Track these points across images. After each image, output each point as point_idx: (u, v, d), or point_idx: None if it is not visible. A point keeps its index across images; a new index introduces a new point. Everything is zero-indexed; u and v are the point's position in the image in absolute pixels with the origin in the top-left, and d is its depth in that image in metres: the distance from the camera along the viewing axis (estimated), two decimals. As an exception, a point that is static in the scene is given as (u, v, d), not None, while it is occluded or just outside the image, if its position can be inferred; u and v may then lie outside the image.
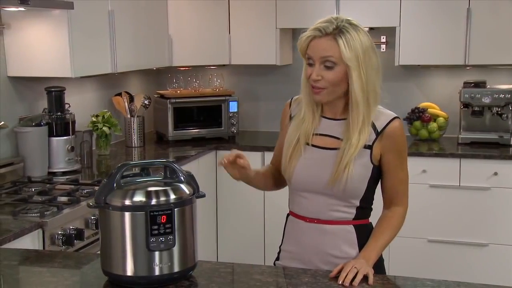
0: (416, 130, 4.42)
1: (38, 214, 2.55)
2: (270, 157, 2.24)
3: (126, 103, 4.31)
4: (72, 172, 3.42)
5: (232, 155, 1.96)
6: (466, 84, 4.30)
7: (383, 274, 2.00)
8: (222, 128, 4.58)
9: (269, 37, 4.53)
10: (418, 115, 4.40)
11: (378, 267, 1.93)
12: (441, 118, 4.41)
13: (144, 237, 1.68)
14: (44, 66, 3.27)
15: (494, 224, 3.98)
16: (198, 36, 4.51)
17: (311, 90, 1.95)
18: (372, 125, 1.94)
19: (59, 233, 2.57)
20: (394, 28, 4.30)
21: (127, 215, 1.69)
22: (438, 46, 4.23)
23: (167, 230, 1.69)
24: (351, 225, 1.99)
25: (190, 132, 4.52)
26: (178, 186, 1.76)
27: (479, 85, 4.27)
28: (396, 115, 1.98)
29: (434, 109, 4.47)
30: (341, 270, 1.81)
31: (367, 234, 2.00)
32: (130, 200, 1.69)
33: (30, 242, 2.43)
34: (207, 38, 4.55)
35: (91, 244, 2.74)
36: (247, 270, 1.88)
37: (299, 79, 2.00)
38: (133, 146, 4.28)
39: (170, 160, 1.87)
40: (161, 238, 1.68)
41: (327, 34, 1.88)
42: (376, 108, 1.96)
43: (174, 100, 4.44)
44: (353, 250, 1.98)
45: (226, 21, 4.60)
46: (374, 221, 2.04)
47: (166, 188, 1.73)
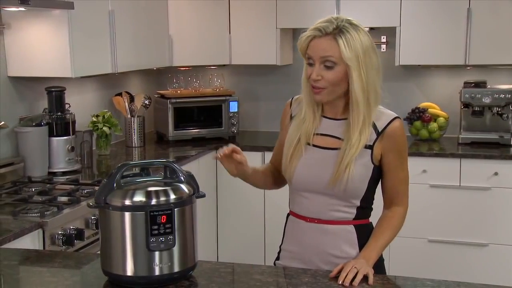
0: (416, 130, 4.42)
1: (38, 214, 2.55)
2: (270, 157, 2.24)
3: (127, 103, 4.31)
4: (72, 172, 3.42)
5: (228, 149, 1.96)
6: (467, 84, 4.30)
7: (383, 274, 2.00)
8: (223, 128, 4.58)
9: (269, 37, 4.53)
10: (418, 115, 4.40)
11: (378, 267, 1.93)
12: (441, 118, 4.41)
13: (144, 237, 1.68)
14: (44, 66, 3.27)
15: (494, 224, 3.98)
16: (199, 36, 4.51)
17: (311, 90, 1.95)
18: (373, 125, 1.94)
19: (59, 233, 2.57)
20: (395, 28, 4.30)
21: (127, 215, 1.69)
22: (439, 46, 4.23)
23: (167, 230, 1.69)
24: (352, 225, 1.99)
25: (190, 132, 4.52)
26: (178, 186, 1.75)
27: (480, 85, 4.27)
28: (396, 115, 1.98)
29: (435, 109, 4.47)
30: (341, 270, 1.81)
31: (368, 234, 2.00)
32: (130, 200, 1.69)
33: (30, 242, 2.43)
34: (208, 38, 4.55)
35: (91, 244, 2.74)
36: (247, 270, 1.88)
37: (300, 79, 2.00)
38: (133, 146, 4.28)
39: (170, 160, 1.87)
40: (161, 238, 1.68)
41: (327, 34, 1.88)
42: (376, 108, 1.96)
43: (174, 100, 4.44)
44: (353, 250, 1.98)
45: (226, 21, 4.60)
46: (374, 221, 2.04)
47: (166, 188, 1.73)
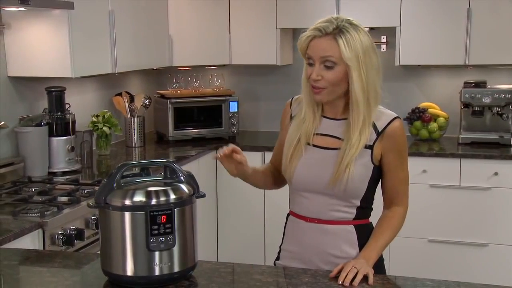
0: (416, 130, 4.42)
1: (38, 214, 2.55)
2: (270, 157, 2.24)
3: (127, 103, 4.31)
4: (72, 172, 3.42)
5: (228, 149, 1.96)
6: (467, 84, 4.30)
7: (383, 273, 2.00)
8: (223, 128, 4.58)
9: (269, 37, 4.53)
10: (418, 115, 4.40)
11: (378, 267, 1.93)
12: (441, 118, 4.41)
13: (144, 237, 1.68)
14: (44, 66, 3.27)
15: (494, 224, 3.98)
16: (199, 36, 4.51)
17: (311, 90, 1.95)
18: (373, 125, 1.94)
19: (59, 233, 2.57)
20: (395, 28, 4.30)
21: (127, 215, 1.69)
22: (439, 46, 4.23)
23: (167, 230, 1.69)
24: (352, 225, 1.99)
25: (190, 132, 4.52)
26: (178, 186, 1.75)
27: (480, 85, 4.27)
28: (396, 115, 1.98)
29: (435, 109, 4.47)
30: (341, 270, 1.81)
31: (368, 234, 2.00)
32: (130, 200, 1.69)
33: (30, 242, 2.43)
34: (208, 38, 4.55)
35: (92, 244, 2.74)
36: (247, 270, 1.88)
37: (300, 79, 2.00)
38: (133, 146, 4.28)
39: (170, 160, 1.87)
40: (161, 238, 1.68)
41: (327, 34, 1.88)
42: (376, 108, 1.95)
43: (174, 100, 4.44)
44: (353, 250, 1.98)
45: (226, 21, 4.60)
46: (374, 221, 2.04)
47: (166, 188, 1.73)
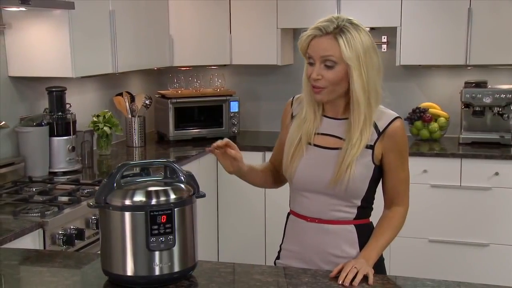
0: (417, 130, 4.42)
1: (39, 214, 2.55)
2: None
3: (127, 103, 4.32)
4: (73, 172, 3.42)
5: (222, 142, 1.96)
6: (467, 84, 4.30)
7: (384, 273, 2.00)
8: (223, 128, 4.58)
9: (270, 37, 4.53)
10: (419, 115, 4.40)
11: (378, 266, 1.93)
12: (442, 118, 4.40)
13: (144, 237, 1.68)
14: (45, 66, 3.27)
15: (495, 224, 3.98)
16: (199, 36, 4.51)
17: (312, 89, 1.95)
18: (374, 125, 1.94)
19: (60, 233, 2.57)
20: (395, 28, 4.29)
21: (127, 215, 1.68)
22: (439, 46, 4.22)
23: (167, 230, 1.69)
24: (352, 224, 1.99)
25: (191, 132, 4.52)
26: (178, 186, 1.75)
27: (480, 85, 4.27)
28: (397, 115, 1.98)
29: (435, 109, 4.46)
30: (341, 270, 1.81)
31: (368, 233, 2.00)
32: (130, 200, 1.69)
33: (31, 242, 2.43)
34: (208, 38, 4.55)
35: (92, 244, 2.74)
36: (247, 270, 1.88)
37: (300, 79, 2.00)
38: (134, 146, 4.28)
39: (170, 160, 1.87)
40: (161, 238, 1.68)
41: (328, 33, 1.88)
42: (377, 108, 1.95)
43: (175, 100, 4.44)
44: (353, 249, 1.98)
45: (227, 21, 4.60)
46: (374, 220, 2.04)
47: (166, 188, 1.73)
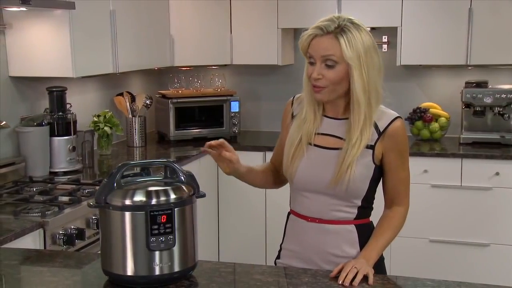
0: (417, 130, 4.42)
1: (39, 213, 2.55)
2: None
3: (128, 103, 4.32)
4: (73, 172, 3.42)
5: (216, 142, 1.96)
6: (468, 84, 4.30)
7: (384, 272, 2.01)
8: (224, 128, 4.58)
9: (270, 37, 4.52)
10: (419, 115, 4.40)
11: (378, 266, 1.93)
12: (442, 118, 4.40)
13: (144, 236, 1.68)
14: (45, 66, 3.27)
15: (495, 224, 3.97)
16: (200, 36, 4.51)
17: (312, 89, 1.95)
18: (374, 125, 1.94)
19: (60, 232, 2.57)
20: (396, 28, 4.29)
21: (127, 215, 1.69)
22: (440, 46, 4.22)
23: (167, 230, 1.69)
24: (353, 224, 1.99)
25: (191, 132, 4.52)
26: (178, 186, 1.75)
27: (481, 85, 4.27)
28: (398, 115, 1.97)
29: (436, 109, 4.46)
30: (341, 270, 1.81)
31: (368, 233, 2.00)
32: (131, 199, 1.69)
33: (31, 241, 2.43)
34: (209, 38, 4.55)
35: (92, 243, 2.74)
36: (248, 270, 1.88)
37: (301, 79, 2.00)
38: (134, 146, 4.28)
39: (171, 160, 1.87)
40: (161, 238, 1.68)
41: (329, 33, 1.88)
42: (378, 108, 1.95)
43: (175, 100, 4.44)
44: (354, 249, 1.98)
45: (227, 21, 4.60)
46: (375, 220, 2.04)
47: (166, 188, 1.73)
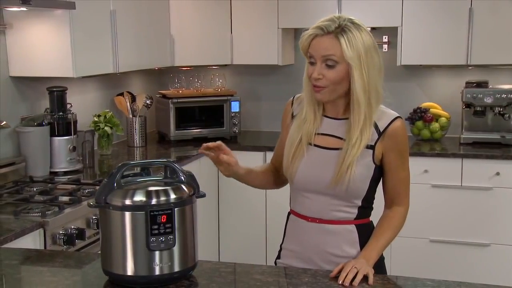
0: (418, 130, 4.42)
1: (40, 213, 2.55)
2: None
3: (128, 103, 4.32)
4: (73, 172, 3.42)
5: (213, 144, 1.96)
6: (468, 84, 4.30)
7: (384, 272, 2.01)
8: (224, 128, 4.58)
9: (271, 37, 4.52)
10: (420, 115, 4.40)
11: (378, 266, 1.93)
12: (443, 118, 4.40)
13: (144, 236, 1.68)
14: (46, 66, 3.27)
15: (496, 224, 3.97)
16: (200, 36, 4.51)
17: (312, 89, 1.95)
18: (374, 125, 1.94)
19: (61, 232, 2.57)
20: (396, 28, 4.29)
21: (128, 215, 1.69)
22: (440, 46, 4.22)
23: (167, 230, 1.69)
24: (353, 224, 1.99)
25: (192, 132, 4.52)
26: (179, 186, 1.75)
27: (481, 85, 4.27)
28: (398, 115, 1.97)
29: (436, 109, 4.46)
30: (341, 270, 1.81)
31: (368, 233, 2.00)
32: (131, 199, 1.69)
33: (32, 241, 2.44)
34: (209, 38, 4.55)
35: (93, 243, 2.74)
36: (248, 270, 1.88)
37: (301, 79, 1.99)
38: (135, 146, 4.28)
39: (171, 160, 1.87)
40: (161, 238, 1.68)
41: (329, 33, 1.88)
42: (378, 108, 1.95)
43: (176, 100, 4.44)
44: (354, 249, 1.98)
45: (228, 21, 4.60)
46: (375, 220, 2.04)
47: (167, 188, 1.73)
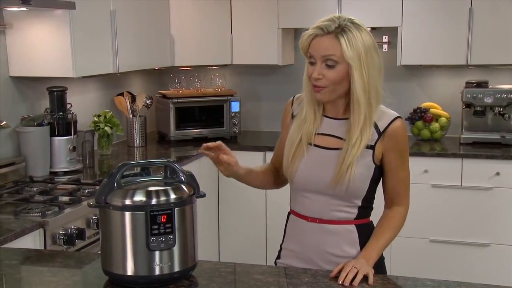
0: (418, 130, 4.42)
1: (40, 213, 2.55)
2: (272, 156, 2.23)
3: (128, 103, 4.32)
4: (73, 172, 3.42)
5: (213, 144, 1.96)
6: (468, 84, 4.30)
7: (384, 272, 2.01)
8: (224, 128, 4.58)
9: (271, 37, 4.52)
10: (420, 115, 4.40)
11: (378, 265, 1.93)
12: (443, 118, 4.40)
13: (144, 236, 1.68)
14: (46, 66, 3.27)
15: (496, 224, 3.97)
16: (200, 36, 4.51)
17: (312, 89, 1.95)
18: (374, 125, 1.94)
19: (61, 232, 2.57)
20: (396, 28, 4.29)
21: (128, 215, 1.69)
22: (440, 46, 4.22)
23: (167, 230, 1.69)
24: (353, 224, 1.99)
25: (192, 132, 4.52)
26: (178, 186, 1.75)
27: (481, 85, 4.27)
28: (398, 115, 1.97)
29: (436, 109, 4.46)
30: (341, 270, 1.81)
31: (368, 233, 2.00)
32: (131, 199, 1.69)
33: (32, 241, 2.44)
34: (209, 38, 4.55)
35: (93, 243, 2.74)
36: (248, 270, 1.88)
37: (301, 79, 1.99)
38: (135, 146, 4.28)
39: (171, 160, 1.87)
40: (161, 238, 1.68)
41: (329, 33, 1.88)
42: (378, 108, 1.95)
43: (176, 100, 4.44)
44: (354, 249, 1.98)
45: (228, 21, 4.60)
46: (375, 220, 2.04)
47: (167, 188, 1.73)
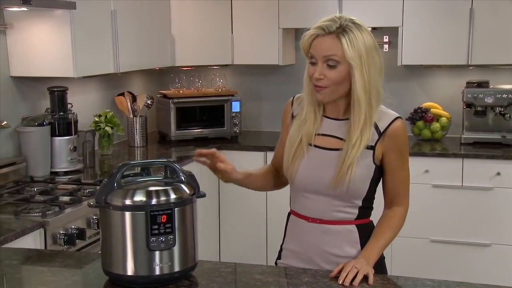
0: (418, 130, 4.42)
1: (40, 213, 2.55)
2: (272, 157, 2.23)
3: (129, 103, 4.32)
4: (74, 172, 3.42)
5: (207, 151, 1.97)
6: (469, 84, 4.30)
7: (384, 271, 2.01)
8: (225, 128, 4.58)
9: (271, 37, 4.52)
10: (420, 115, 4.40)
11: (378, 265, 1.93)
12: (443, 118, 4.40)
13: (144, 236, 1.68)
14: (46, 66, 3.27)
15: (496, 224, 3.97)
16: (201, 36, 4.51)
17: (313, 89, 1.95)
18: (374, 125, 1.94)
19: (61, 232, 2.57)
20: (397, 28, 4.29)
21: (128, 215, 1.69)
22: (441, 46, 4.22)
23: (168, 230, 1.69)
24: (354, 224, 1.99)
25: (192, 132, 4.52)
26: (179, 186, 1.75)
27: (482, 85, 4.27)
28: (398, 115, 1.97)
29: (437, 109, 4.46)
30: (341, 270, 1.81)
31: (369, 233, 2.00)
32: (131, 199, 1.69)
33: (32, 241, 2.44)
34: (210, 38, 4.55)
35: (93, 243, 2.74)
36: (248, 270, 1.88)
37: (302, 79, 1.99)
38: (135, 146, 4.28)
39: (171, 160, 1.87)
40: (161, 238, 1.68)
41: (330, 33, 1.87)
42: (378, 108, 1.95)
43: (176, 100, 4.45)
44: (354, 249, 1.98)
45: (228, 21, 4.60)
46: (375, 220, 2.04)
47: (167, 188, 1.73)
